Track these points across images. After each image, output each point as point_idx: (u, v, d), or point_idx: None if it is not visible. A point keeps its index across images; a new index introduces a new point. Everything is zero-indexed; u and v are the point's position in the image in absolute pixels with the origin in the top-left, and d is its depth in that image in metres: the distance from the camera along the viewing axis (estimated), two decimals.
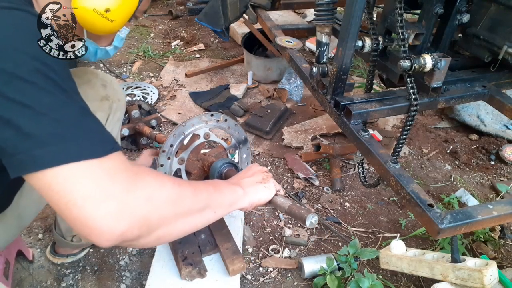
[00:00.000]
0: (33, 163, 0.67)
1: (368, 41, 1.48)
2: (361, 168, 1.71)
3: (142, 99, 2.36)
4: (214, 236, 1.42)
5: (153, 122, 2.03)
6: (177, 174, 1.29)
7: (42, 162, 0.67)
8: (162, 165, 1.25)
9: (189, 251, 1.37)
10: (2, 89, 0.66)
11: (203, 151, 1.43)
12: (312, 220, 1.03)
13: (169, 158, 1.25)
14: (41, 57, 0.72)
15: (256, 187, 1.09)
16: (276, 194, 1.12)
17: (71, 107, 0.73)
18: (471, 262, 1.28)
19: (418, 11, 1.55)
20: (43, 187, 0.68)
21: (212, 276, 1.35)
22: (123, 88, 2.44)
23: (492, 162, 2.13)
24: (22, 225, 1.20)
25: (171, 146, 1.23)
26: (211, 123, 1.29)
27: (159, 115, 2.13)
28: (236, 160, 1.43)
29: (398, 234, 1.67)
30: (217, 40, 3.19)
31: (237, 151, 1.41)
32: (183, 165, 1.29)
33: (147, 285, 1.32)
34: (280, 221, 1.72)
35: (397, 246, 1.44)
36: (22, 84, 0.68)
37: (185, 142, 1.30)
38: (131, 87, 2.47)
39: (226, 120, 1.32)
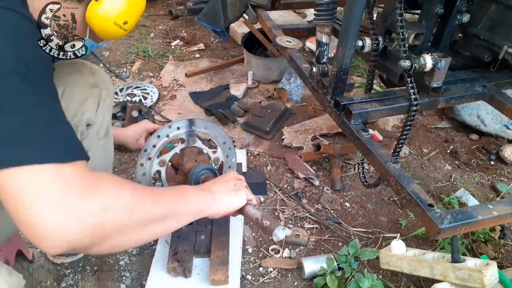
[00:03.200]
0: None
1: (368, 41, 1.48)
2: (361, 168, 1.70)
3: (143, 99, 2.36)
4: (211, 240, 1.40)
5: (117, 125, 1.94)
6: (156, 176, 1.28)
7: (1, 160, 0.65)
8: (142, 165, 1.22)
9: (183, 248, 1.35)
10: None
11: None
12: (280, 234, 0.96)
13: (149, 159, 1.22)
14: (22, 58, 0.71)
15: (227, 194, 1.06)
16: (247, 204, 1.08)
17: (43, 109, 0.71)
18: (471, 262, 1.28)
19: (418, 11, 1.55)
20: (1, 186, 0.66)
21: (195, 280, 1.34)
22: (124, 88, 2.44)
23: (492, 162, 2.13)
24: None
25: (154, 146, 1.21)
26: (198, 129, 1.26)
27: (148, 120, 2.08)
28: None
29: (399, 234, 1.67)
30: (217, 40, 3.19)
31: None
32: (164, 167, 1.26)
33: (147, 286, 1.32)
34: (280, 221, 1.72)
35: (398, 246, 1.44)
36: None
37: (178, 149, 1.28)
38: (131, 87, 2.46)
39: (214, 128, 1.29)
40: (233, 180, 1.11)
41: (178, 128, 1.23)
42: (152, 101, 2.37)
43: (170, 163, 1.30)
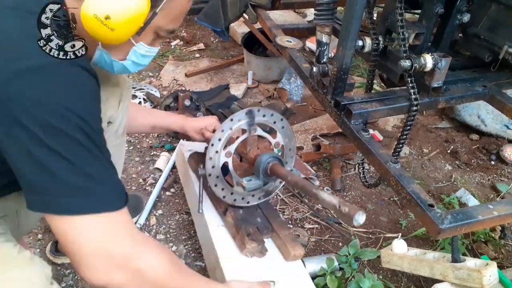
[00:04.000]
0: (56, 207, 0.80)
1: (368, 40, 1.48)
2: (361, 168, 1.70)
3: (143, 102, 2.36)
4: (270, 221, 1.42)
5: (199, 116, 2.06)
6: (224, 166, 1.35)
7: (66, 208, 0.80)
8: (211, 158, 1.31)
9: (252, 229, 1.36)
10: (47, 141, 0.77)
11: None
12: (360, 219, 0.98)
13: (217, 152, 1.30)
14: (85, 116, 0.81)
15: None
16: (322, 191, 1.10)
17: (101, 163, 0.84)
18: (471, 262, 1.28)
19: (419, 11, 1.55)
20: (59, 230, 0.82)
21: (270, 258, 1.34)
22: None
23: (492, 162, 2.13)
24: None
25: (219, 140, 1.29)
26: (257, 118, 1.31)
27: (204, 109, 2.14)
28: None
29: (400, 233, 1.67)
30: (217, 40, 3.19)
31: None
32: (230, 158, 1.34)
33: (225, 269, 1.30)
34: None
35: (399, 245, 1.43)
36: (65, 139, 0.78)
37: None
38: (134, 88, 2.46)
39: (272, 115, 1.33)
40: None
41: (239, 120, 1.30)
42: (151, 104, 2.36)
43: (235, 153, 1.36)
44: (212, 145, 1.29)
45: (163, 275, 0.93)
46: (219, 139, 1.29)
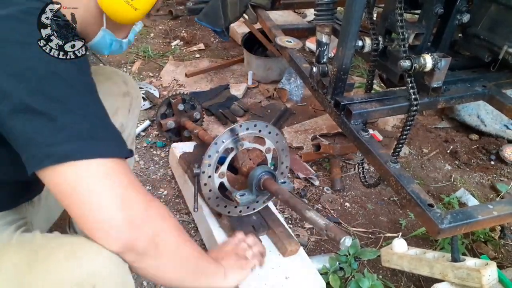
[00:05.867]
0: (60, 156, 0.71)
1: (368, 41, 1.48)
2: (361, 168, 1.70)
3: (142, 101, 2.36)
4: (265, 219, 1.44)
5: (196, 115, 2.04)
6: (222, 186, 1.35)
7: (71, 153, 0.72)
8: (205, 184, 1.30)
9: (246, 230, 1.36)
10: (39, 85, 0.71)
11: None
12: (347, 243, 1.00)
13: (210, 177, 1.30)
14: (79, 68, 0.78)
15: (236, 271, 1.10)
16: (311, 211, 1.12)
17: (98, 106, 0.79)
18: (470, 262, 1.29)
19: (418, 11, 1.55)
20: (65, 188, 0.73)
21: (268, 254, 1.35)
22: None
23: (492, 162, 2.13)
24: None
25: (209, 166, 1.28)
26: (242, 133, 1.31)
27: (200, 107, 2.11)
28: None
29: (400, 233, 1.67)
30: (217, 40, 3.19)
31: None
32: (224, 178, 1.34)
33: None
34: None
35: (399, 244, 1.43)
36: (57, 81, 0.73)
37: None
38: None
39: (255, 125, 1.33)
40: (240, 250, 1.17)
41: (224, 141, 1.28)
42: (150, 103, 2.37)
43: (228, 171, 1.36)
44: (203, 172, 1.28)
45: (176, 241, 0.88)
46: (209, 165, 1.28)
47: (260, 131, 1.34)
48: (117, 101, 1.12)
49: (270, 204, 1.52)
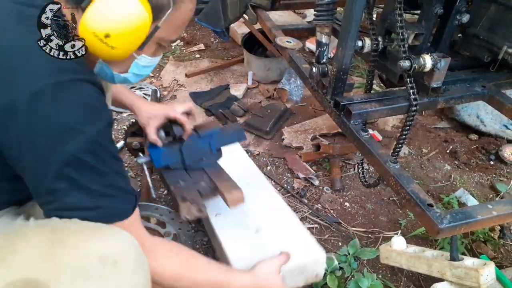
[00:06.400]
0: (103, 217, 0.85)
1: (368, 41, 1.49)
2: (361, 168, 1.71)
3: None
4: (213, 181, 1.40)
5: (135, 146, 1.79)
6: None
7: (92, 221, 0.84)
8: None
9: (190, 196, 1.34)
10: (55, 164, 0.78)
11: None
12: None
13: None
14: (96, 136, 0.82)
15: None
16: None
17: (108, 177, 0.86)
18: (469, 261, 1.29)
19: (418, 11, 1.55)
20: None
21: (211, 210, 1.37)
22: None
23: (491, 162, 2.13)
24: None
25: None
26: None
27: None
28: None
29: (399, 231, 1.68)
30: (217, 40, 3.19)
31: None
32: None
33: (223, 242, 1.34)
34: None
35: (398, 242, 1.44)
36: (74, 162, 0.80)
37: None
38: (134, 87, 2.46)
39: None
40: None
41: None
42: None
43: None
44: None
45: (169, 280, 0.97)
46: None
47: (161, 215, 1.44)
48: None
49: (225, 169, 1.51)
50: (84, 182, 0.81)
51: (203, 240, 1.60)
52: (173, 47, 3.06)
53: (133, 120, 1.60)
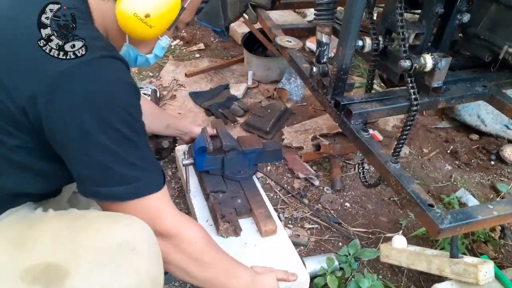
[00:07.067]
0: (107, 196, 0.89)
1: (368, 40, 1.48)
2: (361, 168, 1.70)
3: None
4: (249, 202, 1.50)
5: (165, 144, 1.81)
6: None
7: (116, 196, 0.89)
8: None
9: (227, 211, 1.45)
10: (95, 134, 0.82)
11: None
12: None
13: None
14: (129, 109, 0.86)
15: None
16: None
17: (142, 151, 0.91)
18: (469, 259, 1.29)
19: (419, 11, 1.55)
20: (133, 212, 0.90)
21: (247, 236, 1.43)
22: None
23: (492, 162, 2.13)
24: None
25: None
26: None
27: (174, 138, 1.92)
28: None
29: (400, 231, 1.67)
30: (217, 40, 3.19)
31: None
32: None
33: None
34: (281, 221, 1.72)
35: (399, 241, 1.43)
36: (112, 133, 0.84)
37: None
38: None
39: None
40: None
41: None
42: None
43: None
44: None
45: (201, 249, 1.02)
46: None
47: None
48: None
49: (258, 185, 1.63)
50: (122, 154, 0.86)
51: None
52: (172, 47, 3.05)
53: None
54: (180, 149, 1.84)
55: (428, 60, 1.33)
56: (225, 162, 1.56)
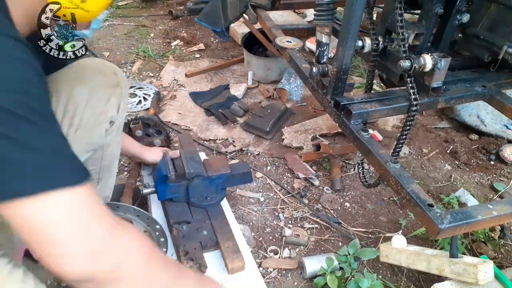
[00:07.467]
0: (10, 192, 0.65)
1: (368, 41, 1.48)
2: (361, 168, 1.70)
3: (143, 100, 2.36)
4: (216, 233, 1.41)
5: (157, 143, 1.86)
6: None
7: (21, 189, 0.65)
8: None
9: (191, 246, 1.36)
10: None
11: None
12: None
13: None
14: (23, 85, 0.69)
15: None
16: None
17: (50, 135, 0.71)
18: (468, 259, 1.29)
19: (418, 11, 1.55)
20: (20, 223, 0.67)
21: (212, 274, 1.32)
22: None
23: (492, 162, 2.13)
24: None
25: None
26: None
27: (167, 135, 1.95)
28: None
29: (400, 231, 1.67)
30: (217, 40, 3.19)
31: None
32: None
33: None
34: (280, 221, 1.72)
35: (398, 240, 1.43)
36: (3, 115, 0.65)
37: None
38: (134, 87, 2.46)
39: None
40: None
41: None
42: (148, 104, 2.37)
43: None
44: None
45: (144, 260, 0.80)
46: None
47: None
48: (108, 92, 1.16)
49: (228, 210, 1.54)
50: (22, 139, 0.66)
51: None
52: (173, 47, 3.06)
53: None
54: (146, 169, 1.74)
55: (427, 60, 1.33)
56: (189, 189, 1.47)
